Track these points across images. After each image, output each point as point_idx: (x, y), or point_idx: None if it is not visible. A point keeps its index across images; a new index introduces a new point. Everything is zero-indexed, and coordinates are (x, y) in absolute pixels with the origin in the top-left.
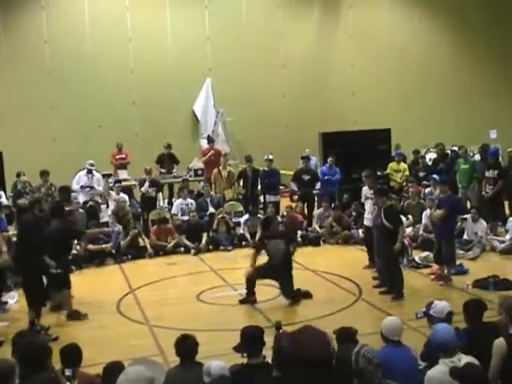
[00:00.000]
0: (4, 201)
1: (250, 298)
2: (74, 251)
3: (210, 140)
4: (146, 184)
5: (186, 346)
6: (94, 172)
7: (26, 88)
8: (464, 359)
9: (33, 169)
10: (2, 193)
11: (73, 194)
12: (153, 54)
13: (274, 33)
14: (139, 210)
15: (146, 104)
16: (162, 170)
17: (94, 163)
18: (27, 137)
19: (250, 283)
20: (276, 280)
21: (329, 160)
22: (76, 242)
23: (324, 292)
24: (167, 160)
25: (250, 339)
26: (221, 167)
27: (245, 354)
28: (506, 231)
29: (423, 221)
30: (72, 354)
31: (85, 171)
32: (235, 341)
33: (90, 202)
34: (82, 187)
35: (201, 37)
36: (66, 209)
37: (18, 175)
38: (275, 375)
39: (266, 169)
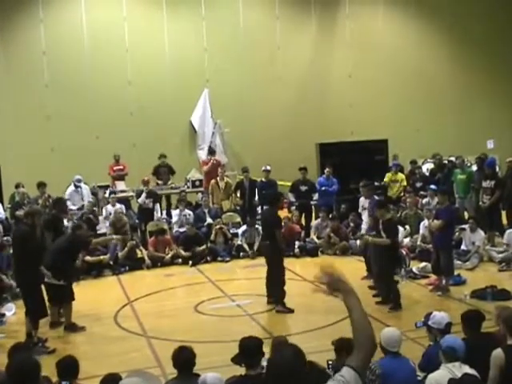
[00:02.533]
0: (1, 212)
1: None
2: None
3: (211, 151)
4: (143, 195)
5: (184, 357)
6: (82, 185)
7: (24, 99)
8: (464, 368)
9: (30, 180)
10: (0, 204)
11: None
12: (150, 65)
13: (271, 44)
14: (136, 221)
15: (143, 115)
16: (159, 182)
17: (81, 178)
18: (25, 148)
19: None
20: None
21: (326, 171)
22: None
23: (322, 303)
24: (163, 171)
25: (249, 350)
26: (218, 178)
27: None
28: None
29: (421, 231)
30: (68, 367)
31: (73, 187)
32: (233, 352)
33: (89, 215)
34: (78, 209)
35: (198, 48)
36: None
37: (17, 186)
38: None
39: (263, 180)
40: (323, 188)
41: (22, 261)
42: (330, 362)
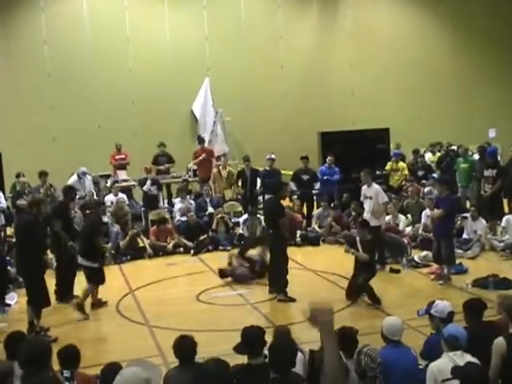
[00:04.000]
0: (3, 202)
1: None
2: None
3: (201, 140)
4: (148, 182)
5: (185, 346)
6: (86, 176)
7: (25, 88)
8: (466, 357)
9: (32, 169)
10: (1, 193)
11: None
12: (152, 53)
13: (272, 32)
14: (142, 209)
15: (145, 104)
16: (161, 168)
17: (86, 171)
18: (26, 137)
19: None
20: None
21: (328, 159)
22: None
23: (323, 292)
24: (163, 160)
25: (251, 339)
26: (220, 167)
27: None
28: (503, 229)
29: (422, 220)
30: (70, 356)
31: (76, 177)
32: (235, 341)
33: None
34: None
35: (199, 37)
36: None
37: (18, 176)
38: (273, 377)
39: (267, 168)
40: (325, 177)
41: (25, 250)
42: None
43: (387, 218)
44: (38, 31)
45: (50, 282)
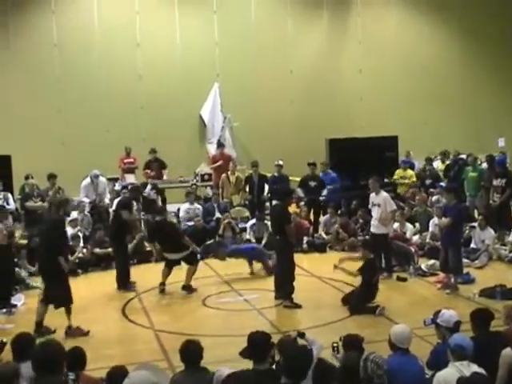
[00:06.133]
0: (11, 203)
1: None
2: (80, 255)
3: (220, 145)
4: (149, 187)
5: (191, 351)
6: (100, 178)
7: (34, 91)
8: (473, 367)
9: (40, 172)
10: (10, 195)
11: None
12: (161, 59)
13: (282, 39)
14: (142, 213)
15: (153, 109)
16: (152, 174)
17: (98, 174)
18: (35, 140)
19: None
20: None
21: (320, 165)
22: (82, 245)
23: (330, 299)
24: (155, 166)
25: (257, 344)
26: (229, 172)
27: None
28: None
29: (430, 229)
30: (76, 358)
31: (89, 180)
32: (241, 346)
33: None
34: (90, 203)
35: (209, 42)
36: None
37: (27, 178)
38: (284, 382)
39: (275, 174)
40: (329, 186)
41: (51, 248)
42: (335, 345)
43: (395, 225)
44: (48, 34)
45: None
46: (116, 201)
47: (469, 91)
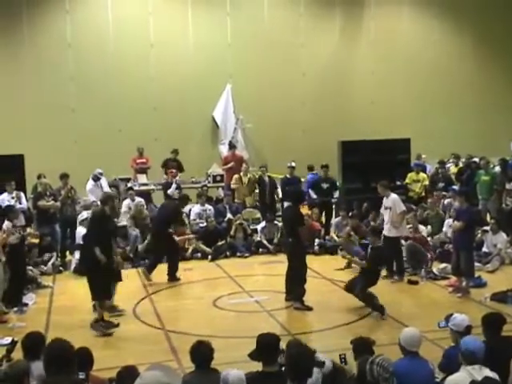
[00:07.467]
0: (24, 202)
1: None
2: None
3: (232, 146)
4: (174, 186)
5: (202, 352)
6: (102, 177)
7: (48, 91)
8: (484, 371)
9: (53, 171)
10: (22, 194)
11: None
12: (174, 59)
13: (295, 41)
14: None
15: (166, 109)
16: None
17: (102, 172)
18: (48, 139)
19: None
20: None
21: (316, 168)
22: None
23: (340, 301)
24: (172, 165)
25: (266, 347)
26: (242, 173)
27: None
28: None
29: (444, 229)
30: (83, 358)
31: (92, 181)
32: (250, 348)
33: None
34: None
35: (222, 44)
36: None
37: (39, 177)
38: None
39: (288, 176)
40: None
41: (96, 239)
42: (343, 356)
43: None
44: (62, 34)
45: None
46: (127, 202)
47: (481, 94)
